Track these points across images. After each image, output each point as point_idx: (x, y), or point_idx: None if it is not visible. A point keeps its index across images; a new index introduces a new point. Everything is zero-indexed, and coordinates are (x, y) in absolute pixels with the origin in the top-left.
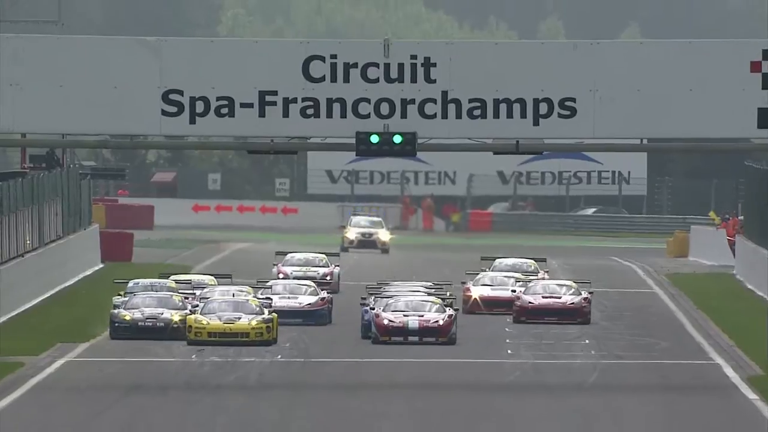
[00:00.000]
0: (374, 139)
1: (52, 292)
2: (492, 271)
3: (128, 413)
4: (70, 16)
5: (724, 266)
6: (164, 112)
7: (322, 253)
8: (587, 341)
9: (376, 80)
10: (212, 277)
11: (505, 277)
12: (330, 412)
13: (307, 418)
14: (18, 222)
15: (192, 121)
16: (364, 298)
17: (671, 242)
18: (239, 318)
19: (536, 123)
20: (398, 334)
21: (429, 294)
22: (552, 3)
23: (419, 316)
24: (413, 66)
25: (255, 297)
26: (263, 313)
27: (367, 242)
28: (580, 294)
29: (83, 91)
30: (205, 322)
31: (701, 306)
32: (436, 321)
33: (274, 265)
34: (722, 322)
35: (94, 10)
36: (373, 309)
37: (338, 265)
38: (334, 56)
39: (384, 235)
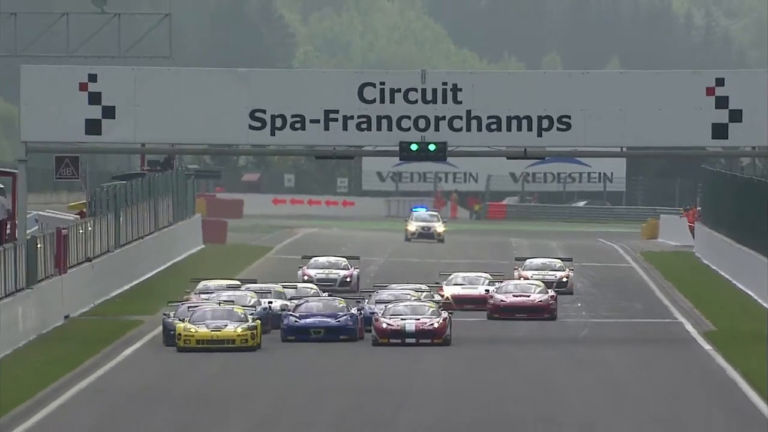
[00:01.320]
0: (414, 147)
1: (165, 266)
2: (523, 270)
3: (221, 363)
4: (177, 51)
5: (686, 246)
6: (251, 126)
7: (343, 257)
8: (579, 305)
9: (415, 102)
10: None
11: (476, 276)
12: (376, 360)
13: (360, 365)
14: (138, 212)
15: (273, 134)
16: (285, 307)
17: (645, 227)
18: (225, 325)
19: (540, 135)
20: (396, 337)
21: (419, 294)
22: (552, 41)
23: (416, 319)
24: (444, 90)
25: (253, 298)
26: (248, 321)
27: (425, 234)
28: (548, 293)
29: (188, 110)
30: (193, 330)
31: (668, 277)
32: (432, 324)
33: (300, 268)
34: (684, 290)
35: (196, 47)
36: (292, 315)
37: (357, 268)
38: (382, 83)
39: (440, 227)
